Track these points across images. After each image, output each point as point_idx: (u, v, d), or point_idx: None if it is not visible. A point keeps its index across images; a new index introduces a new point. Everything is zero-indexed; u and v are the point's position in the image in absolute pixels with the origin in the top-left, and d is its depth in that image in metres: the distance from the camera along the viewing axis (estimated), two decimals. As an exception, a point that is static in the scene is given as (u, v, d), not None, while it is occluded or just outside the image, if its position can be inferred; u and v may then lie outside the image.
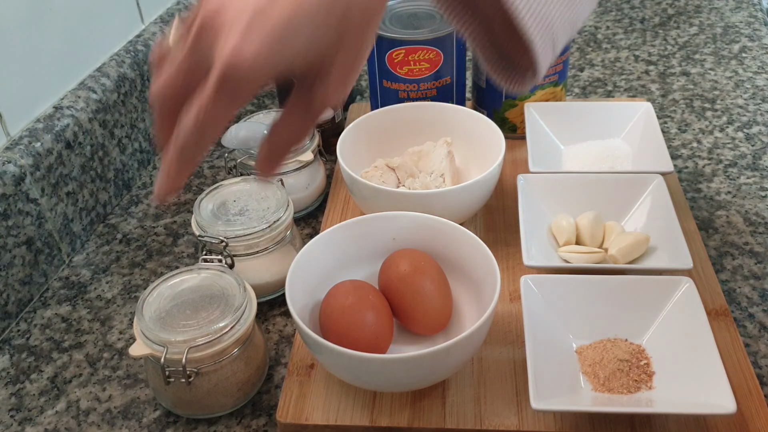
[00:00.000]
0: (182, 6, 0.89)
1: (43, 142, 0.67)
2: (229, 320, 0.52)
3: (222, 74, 0.35)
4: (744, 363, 0.54)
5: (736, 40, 1.01)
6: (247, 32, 0.34)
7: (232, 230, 0.60)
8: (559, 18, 0.39)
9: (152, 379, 0.54)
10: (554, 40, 0.40)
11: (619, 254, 0.60)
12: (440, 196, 0.62)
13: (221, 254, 0.58)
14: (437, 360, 0.49)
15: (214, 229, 0.60)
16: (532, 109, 0.76)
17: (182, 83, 0.37)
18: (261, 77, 0.35)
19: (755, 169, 0.77)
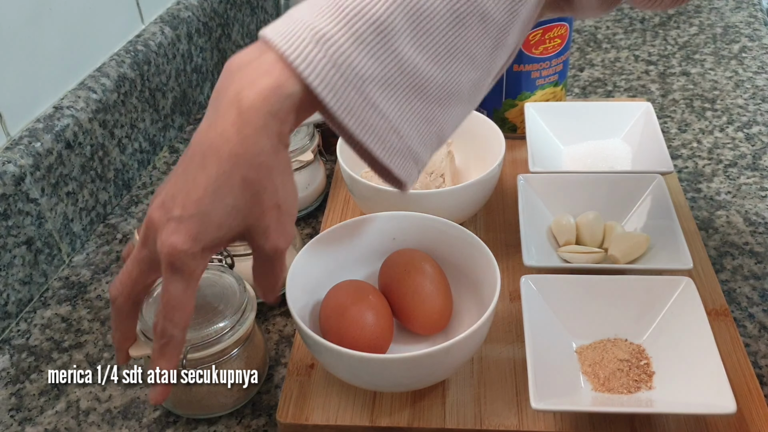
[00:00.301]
0: (182, 6, 0.89)
1: (43, 142, 0.67)
2: (229, 320, 0.52)
3: (166, 264, 0.42)
4: (744, 363, 0.54)
5: (736, 40, 1.01)
6: (174, 230, 0.42)
7: None
8: (417, 140, 0.44)
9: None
10: (416, 158, 0.45)
11: (619, 254, 0.60)
12: (440, 196, 0.62)
13: (221, 254, 0.58)
14: (437, 360, 0.49)
15: None
16: (532, 109, 0.76)
17: (138, 273, 0.45)
18: (198, 256, 0.42)
19: (755, 169, 0.77)
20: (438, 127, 0.45)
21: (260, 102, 0.41)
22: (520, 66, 0.76)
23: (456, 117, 0.46)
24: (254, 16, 1.06)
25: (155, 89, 0.83)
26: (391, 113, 0.43)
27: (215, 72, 0.96)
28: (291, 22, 0.41)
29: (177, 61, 0.87)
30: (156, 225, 0.43)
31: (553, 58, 0.76)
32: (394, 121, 0.43)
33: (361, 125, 0.42)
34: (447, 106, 0.45)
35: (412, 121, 0.44)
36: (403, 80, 0.43)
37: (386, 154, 0.44)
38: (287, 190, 0.44)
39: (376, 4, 0.41)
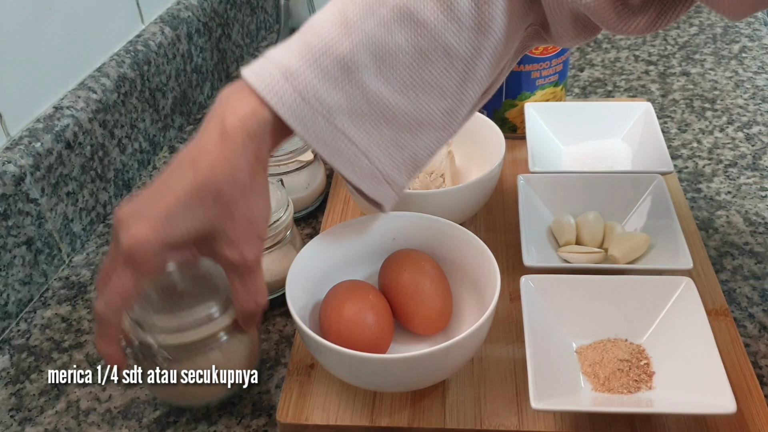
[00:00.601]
0: (182, 6, 0.89)
1: (43, 142, 0.67)
2: (219, 305, 0.50)
3: (124, 254, 0.44)
4: (744, 363, 0.54)
5: (736, 40, 1.01)
6: (139, 223, 0.43)
7: None
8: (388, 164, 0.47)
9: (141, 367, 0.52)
10: (389, 180, 0.48)
11: (619, 254, 0.60)
12: (440, 196, 0.62)
13: None
14: (437, 360, 0.49)
15: None
16: (532, 109, 0.76)
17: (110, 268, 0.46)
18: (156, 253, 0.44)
19: (755, 169, 0.77)
20: (411, 153, 0.48)
21: (239, 124, 0.44)
22: (520, 66, 0.76)
23: (429, 143, 0.49)
24: (254, 16, 1.06)
25: (155, 89, 0.83)
26: (360, 140, 0.46)
27: (215, 72, 0.96)
28: (265, 62, 0.45)
29: (177, 61, 0.87)
30: (122, 220, 0.44)
31: (553, 58, 0.76)
32: (363, 146, 0.46)
33: (330, 151, 0.46)
34: (418, 133, 0.48)
35: (383, 146, 0.47)
36: (370, 110, 0.46)
37: (356, 178, 0.47)
38: (260, 210, 0.46)
39: (341, 42, 0.45)
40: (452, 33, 0.46)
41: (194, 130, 0.90)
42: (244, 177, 0.44)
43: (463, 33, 0.47)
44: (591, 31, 0.52)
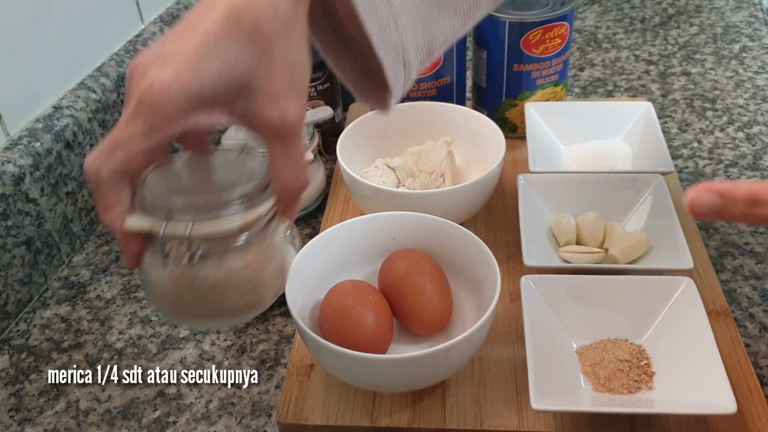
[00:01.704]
0: (182, 6, 0.89)
1: (43, 142, 0.67)
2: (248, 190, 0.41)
3: (138, 99, 0.35)
4: (744, 363, 0.54)
5: (737, 40, 1.01)
6: (162, 66, 0.35)
7: None
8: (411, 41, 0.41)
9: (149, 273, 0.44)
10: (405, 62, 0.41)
11: (619, 254, 0.60)
12: (440, 196, 0.62)
13: None
14: (437, 360, 0.49)
15: None
16: (532, 109, 0.76)
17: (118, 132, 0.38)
18: (180, 104, 0.36)
19: (756, 169, 0.76)
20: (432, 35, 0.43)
21: None
22: (520, 66, 0.76)
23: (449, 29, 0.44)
24: (254, 16, 1.06)
25: (155, 89, 0.83)
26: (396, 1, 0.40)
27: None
28: None
29: (177, 61, 0.87)
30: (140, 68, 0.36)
31: (554, 57, 0.76)
32: (396, 9, 0.40)
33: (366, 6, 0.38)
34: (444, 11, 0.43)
35: (412, 16, 0.41)
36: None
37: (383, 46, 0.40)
38: (302, 53, 0.38)
39: None
40: None
41: (194, 130, 0.90)
42: (286, 8, 0.36)
43: None
44: None
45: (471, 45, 0.79)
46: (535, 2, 0.76)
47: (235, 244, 0.42)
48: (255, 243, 0.43)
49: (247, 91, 0.37)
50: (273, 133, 0.39)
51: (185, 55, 0.35)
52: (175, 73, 0.35)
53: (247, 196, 0.41)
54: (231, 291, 0.44)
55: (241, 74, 0.36)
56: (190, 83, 0.35)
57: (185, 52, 0.35)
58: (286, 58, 0.37)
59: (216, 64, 0.36)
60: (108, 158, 0.37)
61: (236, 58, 0.36)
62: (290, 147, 0.39)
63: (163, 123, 0.36)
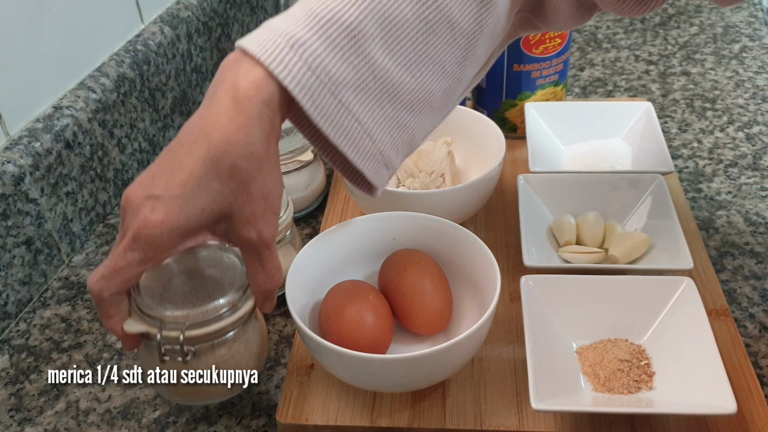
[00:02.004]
0: (182, 6, 0.89)
1: (43, 142, 0.67)
2: (229, 298, 0.49)
3: (133, 235, 0.42)
4: (744, 363, 0.54)
5: (737, 40, 1.01)
6: (153, 206, 0.41)
7: None
8: (389, 145, 0.45)
9: (146, 363, 0.51)
10: (387, 163, 0.46)
11: (619, 254, 0.60)
12: (440, 196, 0.62)
13: None
14: (437, 360, 0.49)
15: None
16: (532, 109, 0.76)
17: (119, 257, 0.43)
18: (170, 238, 0.42)
19: (756, 169, 0.76)
20: (410, 134, 0.46)
21: (254, 90, 0.41)
22: (520, 66, 0.76)
23: (427, 124, 0.48)
24: (254, 16, 1.06)
25: (155, 89, 0.83)
26: (365, 118, 0.44)
27: (215, 72, 0.96)
28: (266, 31, 0.42)
29: (177, 61, 0.87)
30: (133, 203, 0.42)
31: (554, 57, 0.76)
32: (367, 125, 0.44)
33: (336, 129, 0.43)
34: (419, 112, 0.46)
35: (385, 126, 0.45)
36: (376, 85, 0.43)
37: (360, 158, 0.44)
38: (275, 184, 0.44)
39: (348, 10, 0.42)
40: (457, 5, 0.45)
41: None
42: (259, 149, 0.41)
43: (467, 5, 0.45)
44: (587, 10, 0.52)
45: (471, 45, 0.79)
46: (535, 2, 0.76)
47: (221, 339, 0.49)
48: (238, 335, 0.50)
49: (227, 218, 0.43)
50: (250, 248, 0.45)
51: (172, 197, 0.41)
52: (165, 214, 0.41)
53: (232, 303, 0.49)
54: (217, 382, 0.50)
55: (222, 207, 0.42)
56: (178, 221, 0.41)
57: (172, 194, 0.41)
58: (260, 190, 0.42)
59: (200, 203, 0.41)
60: (108, 282, 0.44)
61: (217, 194, 0.41)
62: (265, 257, 0.45)
63: (156, 254, 0.42)
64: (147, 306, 0.48)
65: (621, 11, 0.49)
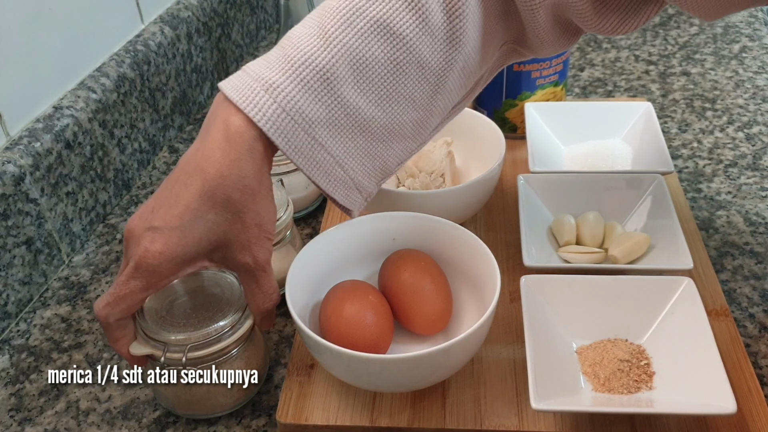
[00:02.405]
0: (182, 6, 0.89)
1: (43, 142, 0.67)
2: (229, 320, 0.51)
3: (135, 264, 0.45)
4: (744, 363, 0.54)
5: (737, 40, 1.01)
6: (152, 239, 0.44)
7: None
8: (360, 172, 0.48)
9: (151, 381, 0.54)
10: (359, 188, 0.49)
11: (619, 254, 0.60)
12: (440, 196, 0.62)
13: None
14: (437, 360, 0.49)
15: None
16: (532, 109, 0.76)
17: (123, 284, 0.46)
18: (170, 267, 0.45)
19: (755, 169, 0.77)
20: (381, 161, 0.49)
21: (245, 126, 0.44)
22: (520, 66, 0.76)
23: (400, 152, 0.51)
24: (254, 16, 1.06)
25: (155, 89, 0.83)
26: (336, 151, 0.47)
27: (215, 72, 0.96)
28: (244, 75, 0.45)
29: (177, 61, 0.87)
30: (135, 234, 0.45)
31: (553, 58, 0.76)
32: (339, 157, 0.47)
33: (308, 162, 0.46)
34: (389, 142, 0.49)
35: (357, 156, 0.48)
36: (347, 121, 0.46)
37: (331, 187, 0.48)
38: (268, 212, 0.47)
39: (321, 54, 0.45)
40: (426, 45, 0.47)
41: (194, 130, 0.90)
42: (252, 181, 0.45)
43: (436, 45, 0.47)
44: (572, 34, 0.53)
45: (471, 45, 0.79)
46: (535, 2, 0.75)
47: (222, 358, 0.52)
48: (239, 353, 0.53)
49: (224, 245, 0.46)
50: (247, 272, 0.48)
51: (171, 228, 0.44)
52: (164, 245, 0.44)
53: (232, 324, 0.51)
54: (222, 394, 0.53)
55: (218, 236, 0.45)
56: (176, 251, 0.44)
57: (170, 225, 0.44)
58: (254, 218, 0.46)
59: (197, 233, 0.44)
60: (113, 309, 0.46)
61: (213, 224, 0.44)
62: (262, 280, 0.48)
63: (157, 281, 0.45)
64: (151, 330, 0.50)
65: (603, 31, 0.50)
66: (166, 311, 0.53)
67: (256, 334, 0.55)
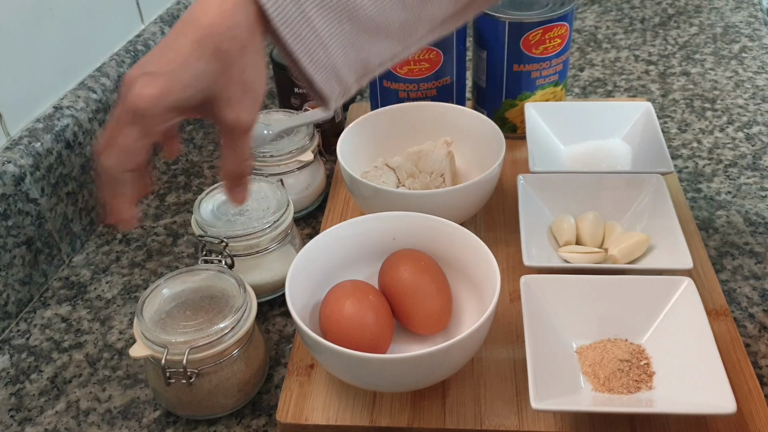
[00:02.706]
0: (182, 6, 0.89)
1: (43, 142, 0.67)
2: (229, 321, 0.51)
3: (131, 113, 0.45)
4: (744, 363, 0.54)
5: (736, 40, 1.01)
6: (144, 83, 0.45)
7: (232, 230, 0.60)
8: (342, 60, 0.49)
9: (152, 380, 0.54)
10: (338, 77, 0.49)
11: (619, 254, 0.60)
12: (440, 196, 0.62)
13: (221, 254, 0.58)
14: (437, 360, 0.49)
15: (214, 230, 0.60)
16: (532, 109, 0.76)
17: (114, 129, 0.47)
18: (161, 110, 0.45)
19: (755, 169, 0.77)
20: (364, 55, 0.50)
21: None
22: (520, 66, 0.76)
23: (383, 51, 0.51)
24: (254, 16, 1.06)
25: (155, 89, 0.83)
26: (323, 30, 0.48)
27: (215, 72, 0.96)
28: None
29: (177, 61, 0.87)
30: (130, 80, 0.46)
31: (553, 58, 0.76)
32: (324, 38, 0.48)
33: (294, 35, 0.47)
34: (375, 37, 0.50)
35: (341, 42, 0.48)
36: (338, 4, 0.47)
37: (311, 66, 0.48)
38: (256, 70, 0.48)
39: None
40: None
41: (194, 130, 0.90)
42: (242, 33, 0.46)
43: None
44: None
45: (471, 45, 0.79)
46: (534, 2, 0.76)
47: (223, 360, 0.52)
48: (240, 354, 0.53)
49: (211, 98, 0.47)
50: (227, 130, 0.48)
51: (162, 72, 0.45)
52: (155, 88, 0.45)
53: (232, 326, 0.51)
54: (222, 394, 0.53)
55: (205, 86, 0.46)
56: (167, 95, 0.45)
57: (162, 70, 0.45)
58: (241, 74, 0.46)
59: (185, 79, 0.45)
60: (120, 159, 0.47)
61: (201, 73, 0.45)
62: (239, 142, 0.49)
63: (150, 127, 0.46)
64: (151, 332, 0.51)
65: None
66: (166, 313, 0.53)
67: (256, 335, 0.55)
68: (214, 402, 0.53)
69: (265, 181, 0.65)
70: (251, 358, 0.54)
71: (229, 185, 0.51)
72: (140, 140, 0.46)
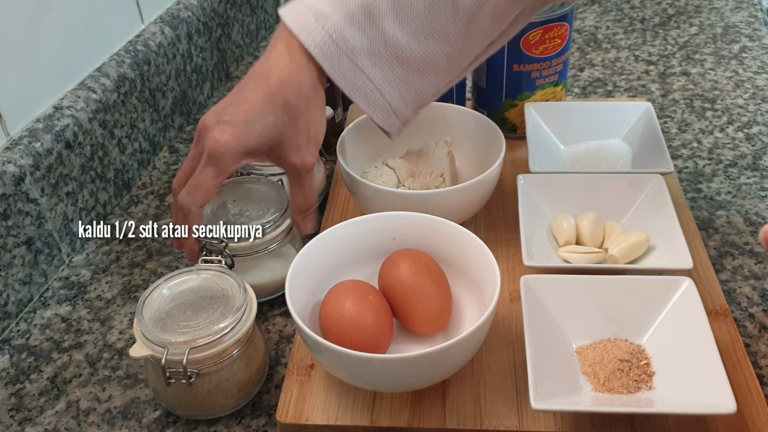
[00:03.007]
0: (182, 6, 0.89)
1: (43, 142, 0.67)
2: (229, 321, 0.52)
3: (207, 153, 0.52)
4: (744, 363, 0.54)
5: (736, 40, 1.01)
6: (221, 129, 0.52)
7: (232, 231, 0.60)
8: (397, 98, 0.55)
9: (152, 380, 0.54)
10: (396, 112, 0.56)
11: (619, 254, 0.60)
12: (440, 196, 0.62)
13: (221, 254, 0.58)
14: (437, 360, 0.49)
15: (214, 230, 0.60)
16: (532, 109, 0.76)
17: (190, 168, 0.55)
18: (235, 154, 0.52)
19: (755, 169, 0.77)
20: (417, 90, 0.55)
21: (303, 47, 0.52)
22: (520, 66, 0.76)
23: (435, 82, 0.56)
24: (254, 16, 1.06)
25: (155, 89, 0.83)
26: (376, 77, 0.53)
27: (215, 72, 0.96)
28: (299, 4, 0.53)
29: (177, 61, 0.87)
30: (207, 126, 0.53)
31: (553, 58, 0.76)
32: (378, 83, 0.54)
33: (351, 86, 0.53)
34: (425, 73, 0.55)
35: (394, 83, 0.54)
36: (386, 51, 0.53)
37: (370, 109, 0.55)
38: (318, 121, 0.54)
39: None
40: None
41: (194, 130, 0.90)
42: (307, 90, 0.52)
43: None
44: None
45: (471, 45, 0.79)
46: (535, 2, 0.75)
47: (223, 360, 0.52)
48: (240, 354, 0.53)
49: (279, 145, 0.53)
50: (294, 171, 0.55)
51: (237, 122, 0.52)
52: (231, 135, 0.52)
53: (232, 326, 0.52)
54: (223, 395, 0.53)
55: (275, 135, 0.53)
56: (241, 142, 0.52)
57: (237, 120, 0.52)
58: (306, 124, 0.53)
59: (258, 129, 0.52)
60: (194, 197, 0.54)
61: (272, 125, 0.52)
62: (305, 181, 0.56)
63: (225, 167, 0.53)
64: (151, 332, 0.51)
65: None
66: (166, 313, 0.53)
67: (256, 335, 0.55)
68: (214, 402, 0.53)
69: (265, 181, 0.65)
70: (251, 358, 0.54)
71: (299, 218, 0.58)
72: (214, 179, 0.53)
